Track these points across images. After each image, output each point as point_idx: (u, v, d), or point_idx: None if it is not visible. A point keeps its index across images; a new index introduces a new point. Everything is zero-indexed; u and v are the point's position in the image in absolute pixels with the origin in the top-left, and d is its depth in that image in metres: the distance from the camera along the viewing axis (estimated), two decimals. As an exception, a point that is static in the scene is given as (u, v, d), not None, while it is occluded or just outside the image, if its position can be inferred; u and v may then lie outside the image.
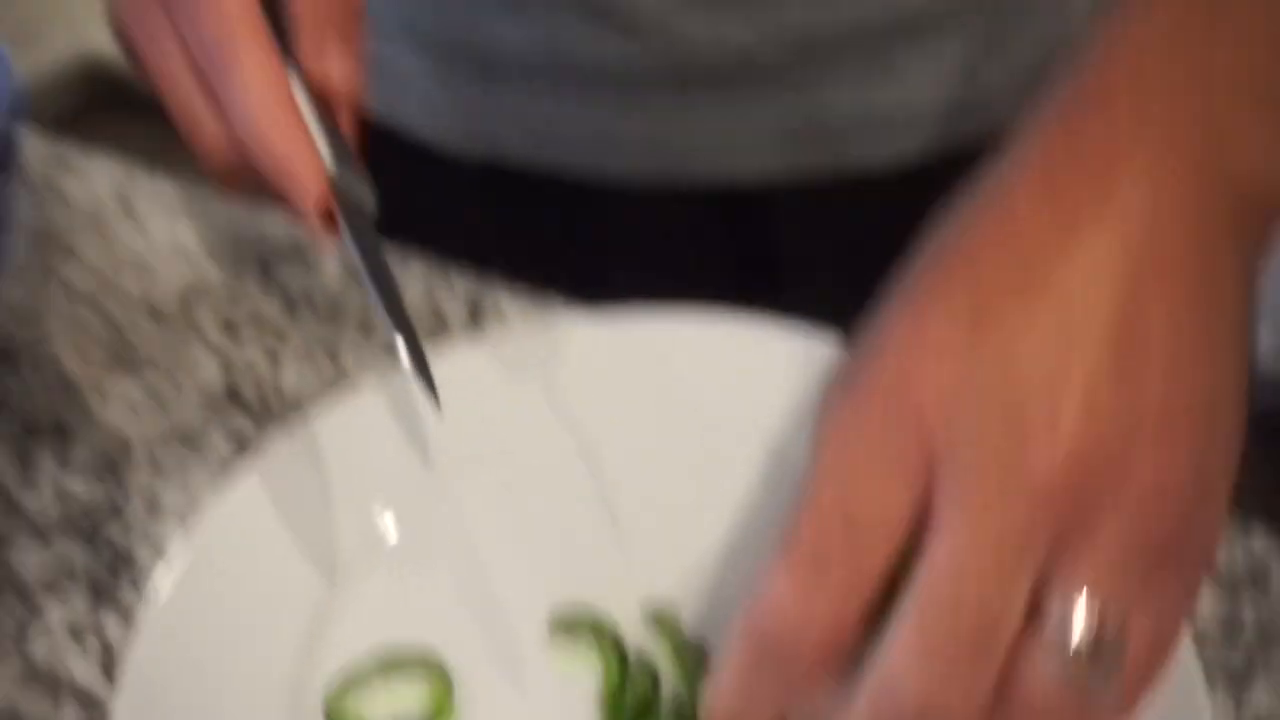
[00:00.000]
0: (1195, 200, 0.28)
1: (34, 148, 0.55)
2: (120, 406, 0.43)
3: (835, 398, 0.28)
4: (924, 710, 0.25)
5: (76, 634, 0.37)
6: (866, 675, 0.26)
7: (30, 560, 0.39)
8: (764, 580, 0.26)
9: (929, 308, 0.28)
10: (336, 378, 0.44)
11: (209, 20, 0.35)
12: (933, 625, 0.25)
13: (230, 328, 0.46)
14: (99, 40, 2.06)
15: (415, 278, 0.48)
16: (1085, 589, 0.25)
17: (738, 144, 0.52)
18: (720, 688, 0.28)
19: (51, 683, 0.36)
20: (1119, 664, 0.25)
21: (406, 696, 0.34)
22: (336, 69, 0.37)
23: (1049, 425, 0.25)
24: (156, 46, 0.37)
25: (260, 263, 0.49)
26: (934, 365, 0.27)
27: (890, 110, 0.52)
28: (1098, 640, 0.25)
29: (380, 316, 0.34)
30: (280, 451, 0.36)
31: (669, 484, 0.38)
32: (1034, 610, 0.25)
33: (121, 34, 0.38)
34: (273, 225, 0.50)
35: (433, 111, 0.55)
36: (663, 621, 0.35)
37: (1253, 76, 0.29)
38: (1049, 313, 0.27)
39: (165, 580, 0.33)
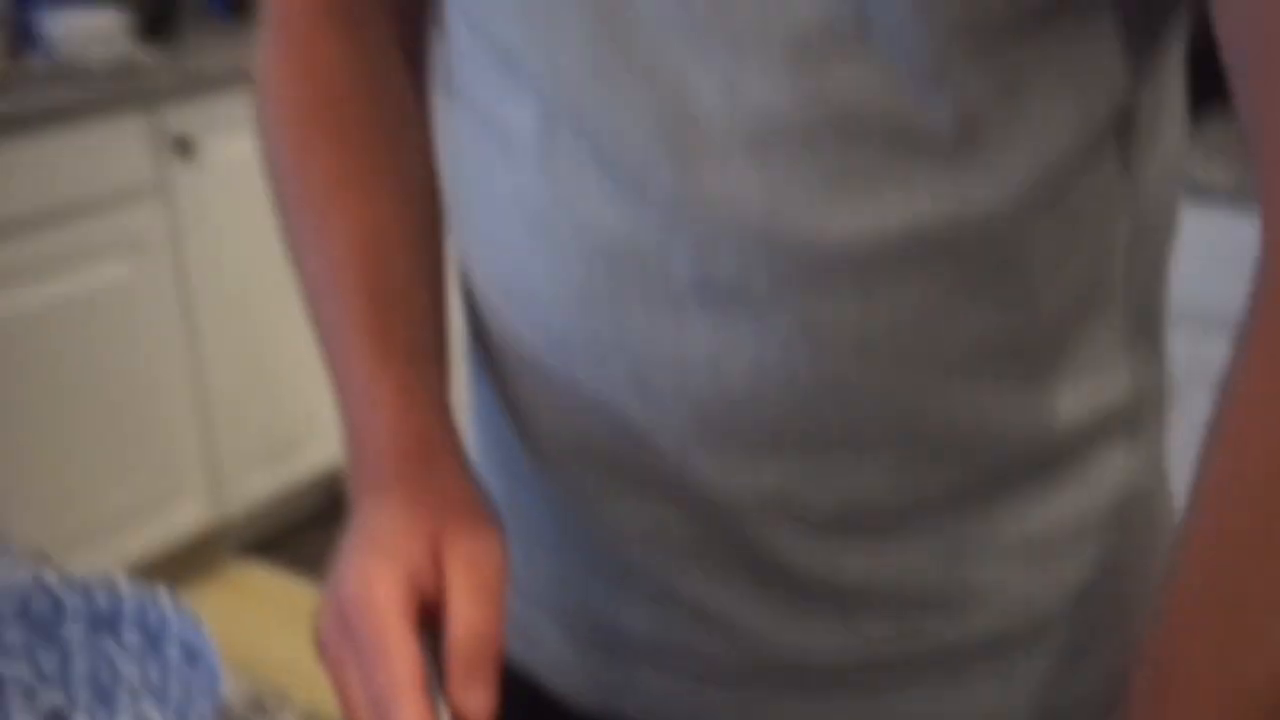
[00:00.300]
0: None
1: (234, 693, 0.66)
2: None
3: None
4: None
5: None
6: None
7: None
8: None
9: None
10: None
11: (382, 672, 0.46)
12: None
13: None
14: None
15: None
16: None
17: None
18: None
19: None
20: None
21: None
22: (474, 704, 0.47)
23: None
24: (342, 671, 0.48)
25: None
26: None
27: (961, 718, 0.57)
28: None
29: None
30: None
31: None
32: None
33: (319, 650, 0.49)
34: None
35: (561, 668, 0.63)
36: None
37: None
38: None
39: None
